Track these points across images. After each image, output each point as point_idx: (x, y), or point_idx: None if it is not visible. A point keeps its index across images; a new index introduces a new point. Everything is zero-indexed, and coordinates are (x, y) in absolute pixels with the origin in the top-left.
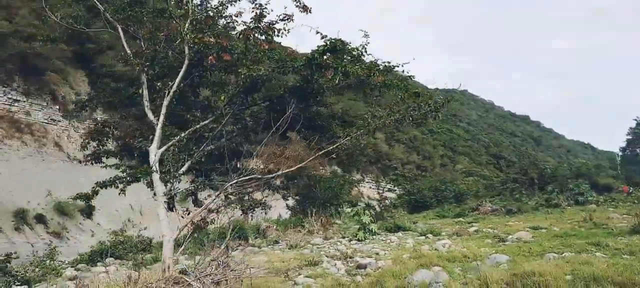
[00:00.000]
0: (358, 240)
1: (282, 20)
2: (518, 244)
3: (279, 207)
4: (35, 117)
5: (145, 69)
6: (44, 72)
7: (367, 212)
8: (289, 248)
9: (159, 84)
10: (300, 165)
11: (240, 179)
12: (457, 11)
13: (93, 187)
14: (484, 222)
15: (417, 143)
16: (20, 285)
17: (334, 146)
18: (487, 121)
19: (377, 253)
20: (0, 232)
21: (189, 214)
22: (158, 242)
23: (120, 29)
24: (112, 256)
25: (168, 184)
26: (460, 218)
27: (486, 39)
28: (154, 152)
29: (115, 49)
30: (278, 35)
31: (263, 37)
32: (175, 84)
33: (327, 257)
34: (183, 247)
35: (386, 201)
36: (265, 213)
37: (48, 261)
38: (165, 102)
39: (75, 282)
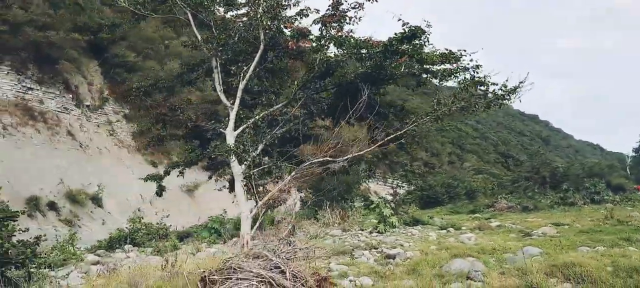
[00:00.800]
0: (378, 232)
1: (353, 8)
2: (545, 239)
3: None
4: (49, 105)
5: (219, 54)
6: (58, 61)
7: (387, 205)
8: (310, 239)
9: (233, 68)
10: (367, 150)
11: (312, 161)
12: (463, 10)
13: (165, 168)
14: (502, 218)
15: (425, 140)
16: (45, 268)
17: (402, 132)
18: (496, 119)
19: (401, 245)
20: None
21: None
22: (174, 230)
23: (190, 15)
24: (130, 243)
25: (243, 164)
26: (476, 215)
27: (492, 38)
28: (231, 134)
29: (128, 39)
30: (349, 23)
31: (336, 24)
32: (251, 68)
33: (352, 247)
34: (257, 225)
35: (397, 197)
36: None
37: (68, 246)
38: (241, 86)
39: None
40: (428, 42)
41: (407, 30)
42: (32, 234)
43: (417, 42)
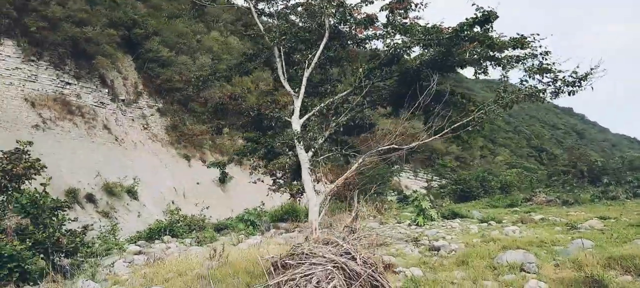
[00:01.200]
0: (417, 225)
1: None
2: (593, 232)
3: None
4: (85, 100)
5: (282, 43)
6: (94, 56)
7: (425, 198)
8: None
9: (297, 56)
10: (432, 138)
11: (379, 149)
12: None
13: (229, 156)
14: (543, 212)
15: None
16: (91, 258)
17: (468, 119)
18: (529, 112)
19: (443, 237)
20: None
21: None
22: (209, 222)
23: (252, 5)
24: (169, 234)
25: (310, 151)
26: (515, 209)
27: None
28: (297, 122)
29: (161, 34)
30: (415, 10)
31: (402, 11)
32: (317, 56)
33: (393, 239)
34: (324, 211)
35: (431, 190)
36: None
37: (111, 237)
38: (306, 74)
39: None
40: (492, 28)
41: (479, 14)
42: (78, 224)
43: (488, 26)
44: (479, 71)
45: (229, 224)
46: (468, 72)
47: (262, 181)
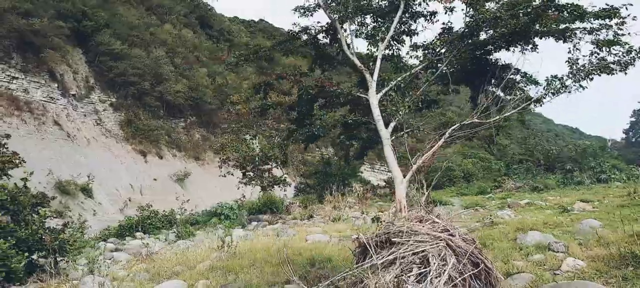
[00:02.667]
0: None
1: None
2: (586, 213)
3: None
4: (34, 95)
5: (349, 15)
6: (42, 49)
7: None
8: (332, 221)
9: (364, 30)
10: (511, 112)
11: (462, 123)
12: None
13: (286, 134)
14: (517, 197)
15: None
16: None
17: (538, 97)
18: None
19: None
20: None
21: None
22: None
23: None
24: (141, 230)
25: (390, 127)
26: (489, 196)
27: None
28: (374, 97)
29: (112, 26)
30: None
31: None
32: (392, 29)
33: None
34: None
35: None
36: (284, 191)
37: (79, 234)
38: (381, 47)
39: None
40: None
41: None
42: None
43: None
44: (564, 40)
45: (199, 219)
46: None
47: (232, 174)
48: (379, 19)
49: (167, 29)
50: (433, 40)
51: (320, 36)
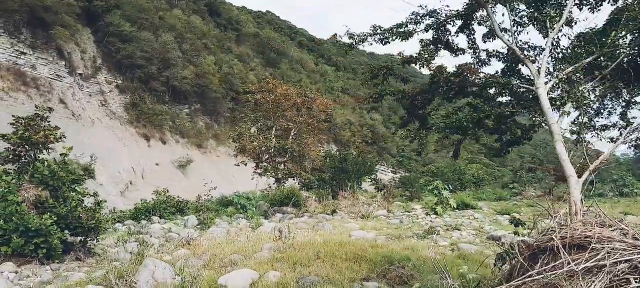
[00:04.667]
0: (436, 214)
1: None
2: None
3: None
4: (41, 72)
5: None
6: (52, 27)
7: (446, 187)
8: (361, 218)
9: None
10: None
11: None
12: None
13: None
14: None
15: None
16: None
17: None
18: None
19: (483, 227)
20: None
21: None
22: (193, 203)
23: None
24: (157, 215)
25: (559, 121)
26: (513, 202)
27: None
28: (542, 87)
29: (123, 8)
30: None
31: None
32: (566, 13)
33: (420, 229)
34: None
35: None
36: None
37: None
38: (552, 36)
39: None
40: None
41: None
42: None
43: None
44: None
45: (211, 207)
46: None
47: (245, 164)
48: (532, 5)
49: (176, 14)
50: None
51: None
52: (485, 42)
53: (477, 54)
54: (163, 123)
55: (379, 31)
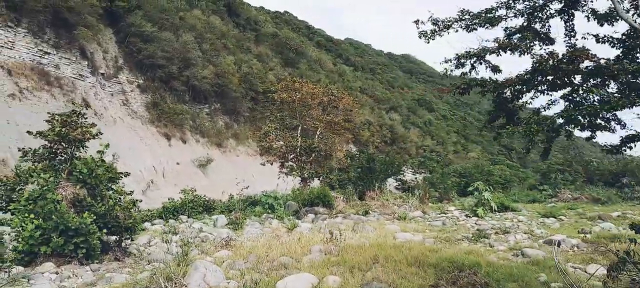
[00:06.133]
0: (476, 216)
1: None
2: None
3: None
4: (64, 71)
5: None
6: (75, 27)
7: (487, 188)
8: (397, 219)
9: None
10: None
11: None
12: None
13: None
14: (586, 208)
15: (431, 127)
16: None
17: None
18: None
19: (531, 231)
20: None
21: None
22: (219, 202)
23: None
24: (185, 214)
25: None
26: (551, 204)
27: None
28: None
29: (144, 8)
30: None
31: None
32: None
33: (470, 230)
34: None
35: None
36: (324, 183)
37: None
38: None
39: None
40: None
41: None
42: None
43: None
44: None
45: (236, 207)
46: None
47: (271, 163)
48: None
49: (196, 15)
50: None
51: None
52: (601, 26)
53: (573, 43)
54: (183, 122)
55: (465, 17)
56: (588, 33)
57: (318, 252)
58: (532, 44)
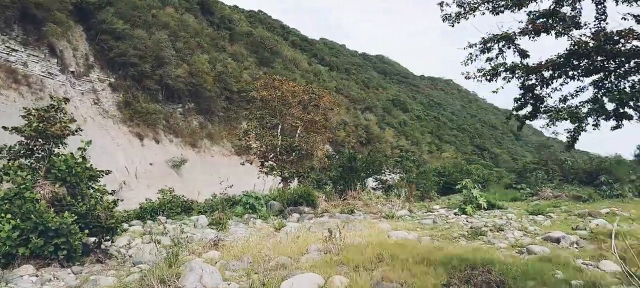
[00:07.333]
0: (465, 214)
1: None
2: None
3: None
4: (33, 69)
5: None
6: (44, 23)
7: (476, 186)
8: (384, 218)
9: None
10: None
11: None
12: None
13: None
14: (570, 206)
15: (406, 128)
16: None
17: None
18: (470, 112)
19: (525, 228)
20: None
21: None
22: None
23: None
24: (162, 214)
25: None
26: (534, 202)
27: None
28: None
29: (115, 5)
30: None
31: None
32: None
33: (463, 228)
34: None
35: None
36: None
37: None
38: None
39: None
40: None
41: None
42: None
43: None
44: None
45: (218, 206)
46: None
47: (250, 163)
48: None
49: (169, 12)
50: None
51: None
52: (630, 5)
53: (603, 27)
54: (156, 122)
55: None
56: (628, 14)
57: (316, 251)
58: (571, 25)
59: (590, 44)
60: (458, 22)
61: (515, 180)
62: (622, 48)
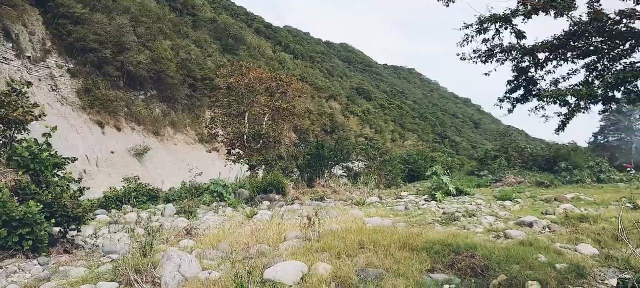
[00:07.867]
0: (435, 200)
1: None
2: None
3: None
4: None
5: None
6: None
7: (446, 173)
8: (356, 205)
9: None
10: None
11: None
12: None
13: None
14: (533, 192)
15: (370, 116)
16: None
17: None
18: (432, 101)
19: (497, 215)
20: None
21: None
22: (166, 192)
23: None
24: (129, 204)
25: None
26: (500, 188)
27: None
28: None
29: None
30: None
31: None
32: None
33: (436, 214)
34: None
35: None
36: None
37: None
38: None
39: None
40: None
41: None
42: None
43: None
44: None
45: (180, 196)
46: None
47: (217, 151)
48: None
49: None
50: None
51: None
52: None
53: (598, 8)
54: (118, 109)
55: None
56: None
57: (295, 238)
58: (572, 4)
59: (593, 25)
60: (453, 2)
61: (477, 167)
62: (624, 28)
